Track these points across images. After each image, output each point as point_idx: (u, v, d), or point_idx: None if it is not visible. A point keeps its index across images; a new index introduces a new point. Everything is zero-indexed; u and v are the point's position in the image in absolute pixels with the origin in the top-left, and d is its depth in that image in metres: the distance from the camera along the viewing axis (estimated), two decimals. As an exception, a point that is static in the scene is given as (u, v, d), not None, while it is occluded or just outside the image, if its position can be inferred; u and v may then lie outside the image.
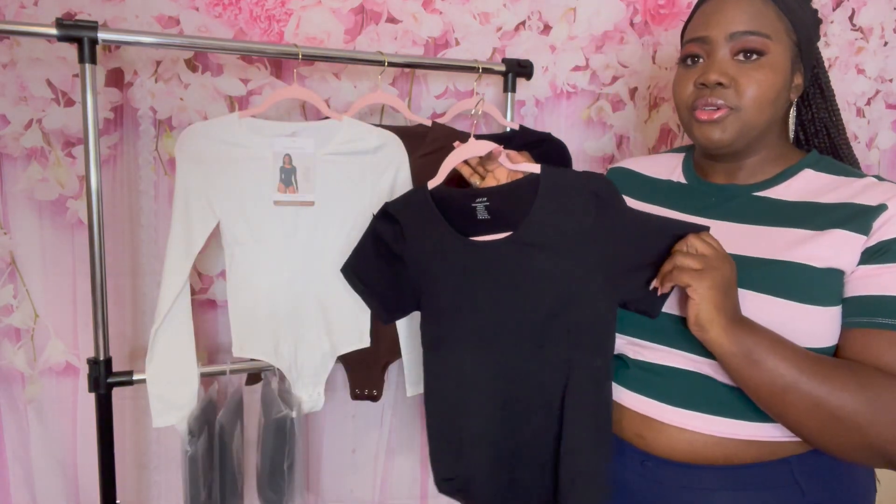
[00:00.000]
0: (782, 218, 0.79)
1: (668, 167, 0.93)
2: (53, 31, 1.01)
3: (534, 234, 0.85)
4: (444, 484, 0.93)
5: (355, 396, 1.30)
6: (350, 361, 1.27)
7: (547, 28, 1.45)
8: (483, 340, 0.88)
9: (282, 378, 1.24)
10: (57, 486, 1.33)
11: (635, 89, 1.55)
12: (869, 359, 0.72)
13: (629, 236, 0.82)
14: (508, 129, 1.36)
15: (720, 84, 0.78)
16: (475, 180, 0.95)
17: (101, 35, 1.04)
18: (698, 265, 0.71)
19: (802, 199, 0.80)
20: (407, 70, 1.38)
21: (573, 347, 0.85)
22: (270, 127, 1.16)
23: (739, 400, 0.76)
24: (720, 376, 0.78)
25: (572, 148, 1.37)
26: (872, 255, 0.74)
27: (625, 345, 0.87)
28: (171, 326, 1.13)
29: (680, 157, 0.93)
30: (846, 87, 1.66)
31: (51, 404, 1.30)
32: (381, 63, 1.22)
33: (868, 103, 1.69)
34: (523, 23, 1.44)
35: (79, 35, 1.02)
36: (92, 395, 1.13)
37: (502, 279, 0.87)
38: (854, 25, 1.65)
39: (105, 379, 1.12)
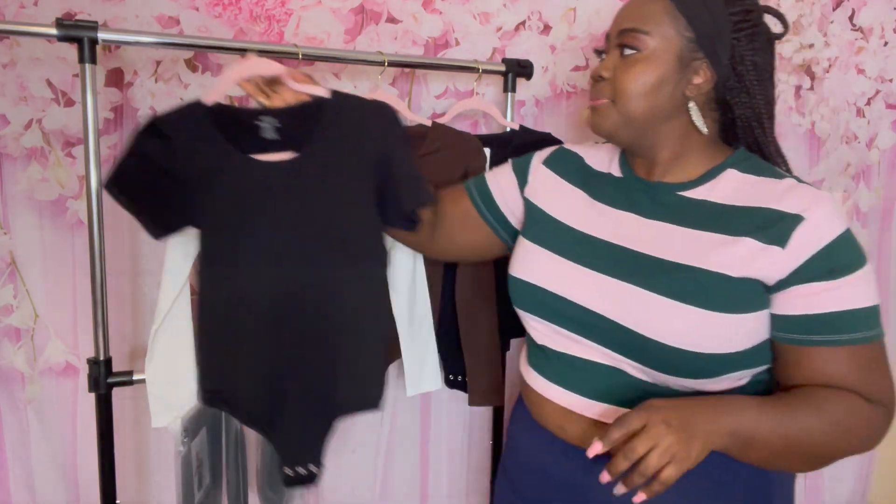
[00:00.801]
0: (703, 220, 0.80)
1: (607, 159, 0.95)
2: (53, 31, 1.01)
3: (316, 155, 0.89)
4: (210, 396, 0.94)
5: (355, 396, 1.29)
6: (350, 361, 1.27)
7: (547, 28, 1.45)
8: (260, 257, 0.90)
9: (282, 378, 1.24)
10: (57, 486, 1.33)
11: (635, 89, 1.55)
12: (814, 374, 0.76)
13: (399, 165, 0.91)
14: (508, 129, 1.36)
15: (602, 77, 0.83)
16: (262, 99, 0.94)
17: (101, 35, 1.04)
18: (663, 458, 0.68)
19: (725, 202, 0.80)
20: (407, 70, 1.38)
21: (349, 264, 0.90)
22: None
23: (654, 395, 0.78)
24: (637, 373, 0.80)
25: (572, 148, 1.37)
26: (805, 275, 0.74)
27: (550, 333, 0.88)
28: (171, 326, 1.13)
29: (618, 150, 0.95)
30: (846, 87, 1.66)
31: (51, 404, 1.30)
32: (381, 63, 1.22)
33: (868, 103, 1.69)
34: (523, 23, 1.44)
35: (79, 35, 1.02)
36: (92, 395, 1.13)
37: (282, 198, 0.88)
38: (854, 25, 1.65)
39: (105, 379, 1.12)
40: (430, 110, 1.42)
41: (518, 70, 1.34)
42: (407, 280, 1.22)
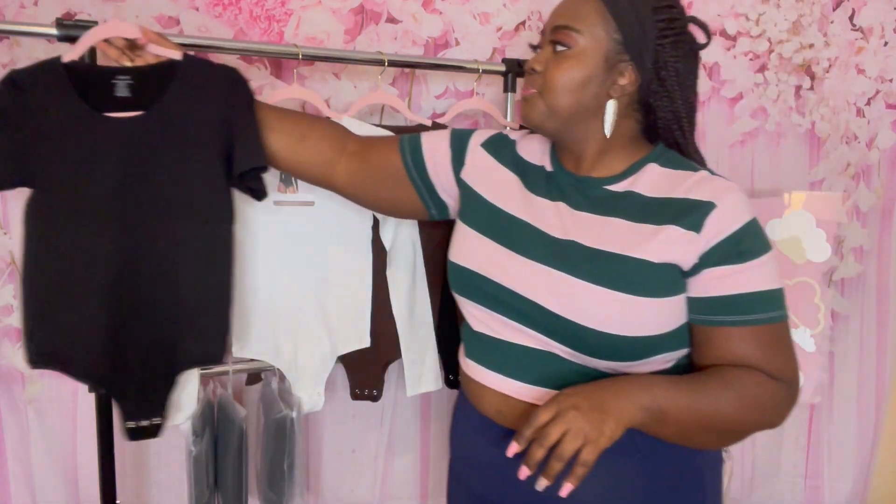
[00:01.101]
0: (628, 211, 0.84)
1: (539, 152, 0.97)
2: (53, 31, 1.01)
3: (162, 114, 0.92)
4: (39, 356, 0.94)
5: (355, 396, 1.30)
6: (350, 361, 1.27)
7: (547, 28, 1.45)
8: (100, 213, 0.92)
9: (282, 378, 1.24)
10: (57, 486, 1.33)
11: (635, 89, 1.55)
12: (723, 353, 0.81)
13: (239, 127, 0.94)
14: (508, 129, 1.35)
15: (534, 70, 0.86)
16: (125, 62, 0.96)
17: (101, 35, 1.04)
18: (577, 440, 0.71)
19: (647, 194, 0.85)
20: (407, 70, 1.38)
21: (190, 221, 0.95)
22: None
23: (585, 377, 0.81)
24: (568, 355, 0.84)
25: (572, 148, 1.37)
26: (715, 258, 0.79)
27: (486, 320, 0.90)
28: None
29: (549, 145, 0.97)
30: (846, 87, 1.66)
31: (51, 404, 1.30)
32: (381, 63, 1.22)
33: (868, 103, 1.69)
34: (523, 23, 1.44)
35: (79, 35, 1.02)
36: (92, 395, 1.13)
37: (128, 156, 0.91)
38: (854, 25, 1.65)
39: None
40: (430, 110, 1.42)
41: (518, 70, 1.34)
42: (407, 280, 1.23)
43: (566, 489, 0.71)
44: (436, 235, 1.27)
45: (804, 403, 1.73)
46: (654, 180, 0.85)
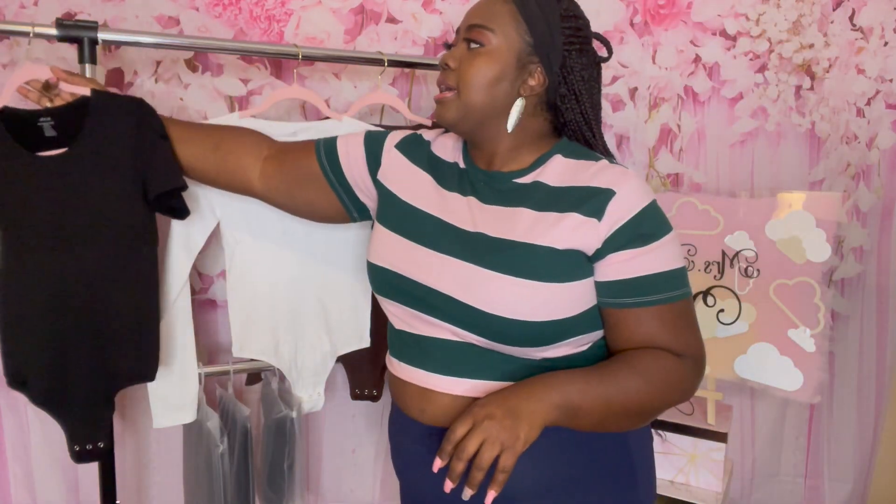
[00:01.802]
0: (535, 202, 0.86)
1: (452, 149, 1.00)
2: (53, 31, 1.01)
3: (81, 148, 0.99)
4: (13, 381, 1.01)
5: (355, 396, 1.30)
6: (350, 361, 1.27)
7: (547, 28, 1.45)
8: (40, 245, 1.00)
9: (282, 378, 1.24)
10: (57, 486, 1.33)
11: (635, 89, 1.55)
12: (631, 335, 0.84)
13: (150, 153, 1.00)
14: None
15: (447, 66, 0.88)
16: (46, 103, 1.02)
17: (101, 35, 1.04)
18: (494, 448, 0.73)
19: (552, 184, 0.87)
20: (407, 70, 1.38)
21: (115, 246, 1.01)
22: (270, 127, 1.16)
23: (501, 362, 0.84)
24: (484, 345, 0.85)
25: (572, 148, 1.37)
26: (618, 242, 0.81)
27: (406, 318, 0.92)
28: (172, 326, 1.13)
29: (461, 143, 1.00)
30: (846, 87, 1.67)
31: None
32: (381, 63, 1.22)
33: (868, 103, 1.69)
34: (523, 23, 1.44)
35: (79, 35, 1.02)
36: (92, 395, 1.13)
37: (56, 189, 0.99)
38: (854, 25, 1.65)
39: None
40: (431, 110, 1.42)
41: (518, 70, 1.34)
42: (407, 280, 1.23)
43: (490, 497, 0.73)
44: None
45: (804, 403, 1.73)
46: (558, 170, 0.88)
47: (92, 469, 1.18)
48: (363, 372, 1.28)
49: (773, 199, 1.44)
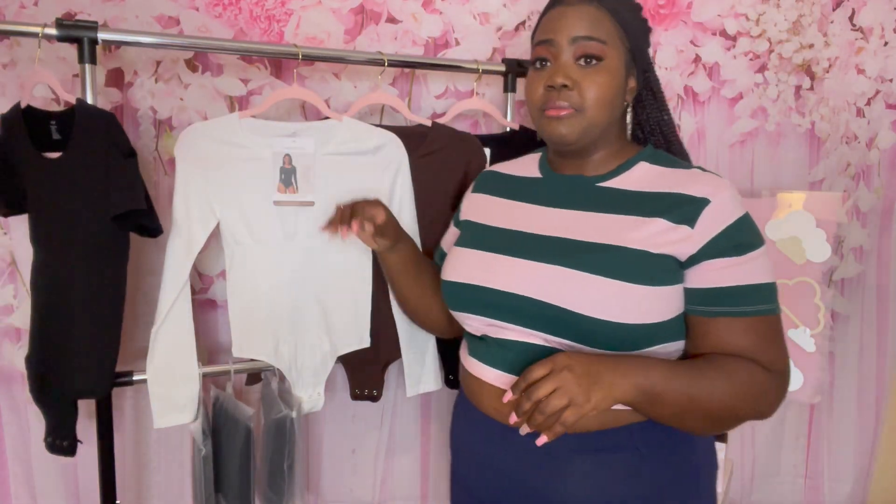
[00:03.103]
0: (618, 206, 0.86)
1: (528, 165, 1.01)
2: (53, 31, 1.01)
3: (69, 157, 1.03)
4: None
5: (355, 396, 1.30)
6: (350, 361, 1.27)
7: (547, 28, 1.45)
8: (40, 244, 1.06)
9: (282, 378, 1.24)
10: (57, 486, 1.33)
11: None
12: (718, 344, 0.83)
13: (115, 171, 1.02)
14: (508, 129, 1.36)
15: (565, 86, 0.85)
16: None
17: (101, 35, 1.04)
18: (562, 399, 0.74)
19: (638, 189, 0.87)
20: (407, 70, 1.38)
21: (83, 258, 1.04)
22: (270, 127, 1.16)
23: None
24: (568, 347, 0.84)
25: (572, 148, 1.37)
26: (713, 251, 0.81)
27: (485, 326, 0.92)
28: (172, 326, 1.13)
29: (538, 155, 1.01)
30: (846, 87, 1.66)
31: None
32: (381, 63, 1.22)
33: (868, 103, 1.69)
34: (523, 23, 1.44)
35: (79, 35, 1.02)
36: (92, 396, 1.13)
37: (52, 192, 1.04)
38: (854, 25, 1.65)
39: (112, 379, 1.12)
40: (430, 110, 1.42)
41: (518, 70, 1.34)
42: (407, 280, 1.23)
43: (541, 440, 0.74)
44: (436, 235, 1.27)
45: (804, 403, 1.73)
46: (643, 176, 0.88)
47: (92, 469, 1.18)
48: (363, 372, 1.28)
49: (773, 199, 1.45)
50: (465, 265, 0.94)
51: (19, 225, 1.23)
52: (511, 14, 1.43)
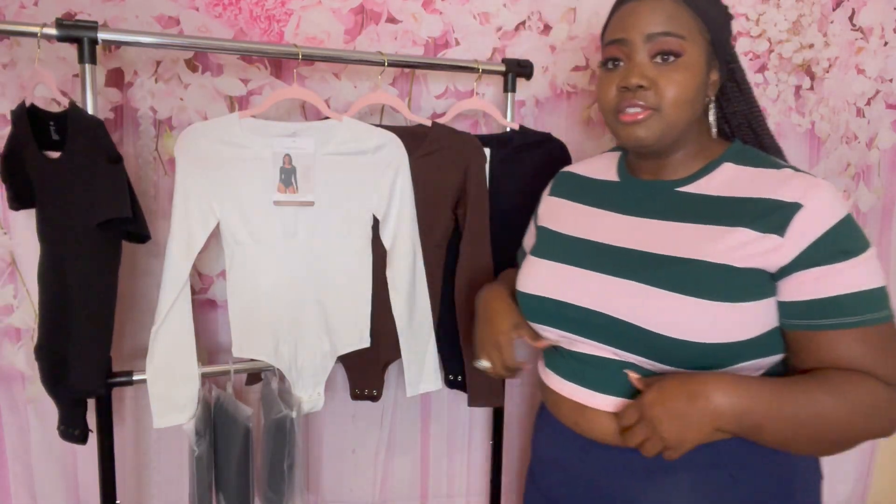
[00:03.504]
0: (699, 214, 0.81)
1: (605, 166, 0.97)
2: (53, 31, 1.01)
3: (65, 158, 1.05)
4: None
5: (355, 396, 1.30)
6: (350, 361, 1.27)
7: (547, 28, 1.45)
8: (48, 238, 1.08)
9: (282, 378, 1.24)
10: (57, 486, 1.33)
11: (635, 89, 1.55)
12: (827, 359, 0.75)
13: (101, 177, 1.04)
14: (508, 129, 1.36)
15: (641, 87, 0.80)
16: None
17: (101, 35, 1.04)
18: (656, 446, 0.73)
19: (721, 194, 0.81)
20: (407, 70, 1.38)
21: (83, 258, 1.06)
22: (270, 127, 1.16)
23: None
24: (648, 365, 0.80)
25: (572, 148, 1.37)
26: (808, 260, 0.74)
27: (559, 338, 0.90)
28: (172, 326, 1.13)
29: (616, 155, 0.97)
30: (846, 87, 1.66)
31: (51, 404, 1.29)
32: (381, 63, 1.22)
33: (868, 103, 1.69)
34: (523, 23, 1.44)
35: (79, 35, 1.02)
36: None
37: (52, 190, 1.06)
38: (854, 25, 1.65)
39: (105, 379, 1.12)
40: (430, 110, 1.42)
41: (518, 70, 1.34)
42: (407, 280, 1.23)
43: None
44: (436, 235, 1.27)
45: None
46: (728, 180, 0.82)
47: (92, 469, 1.18)
48: (363, 372, 1.28)
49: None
50: (539, 277, 0.91)
51: (19, 225, 1.23)
52: (511, 14, 1.43)
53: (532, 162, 1.32)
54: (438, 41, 1.40)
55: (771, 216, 0.75)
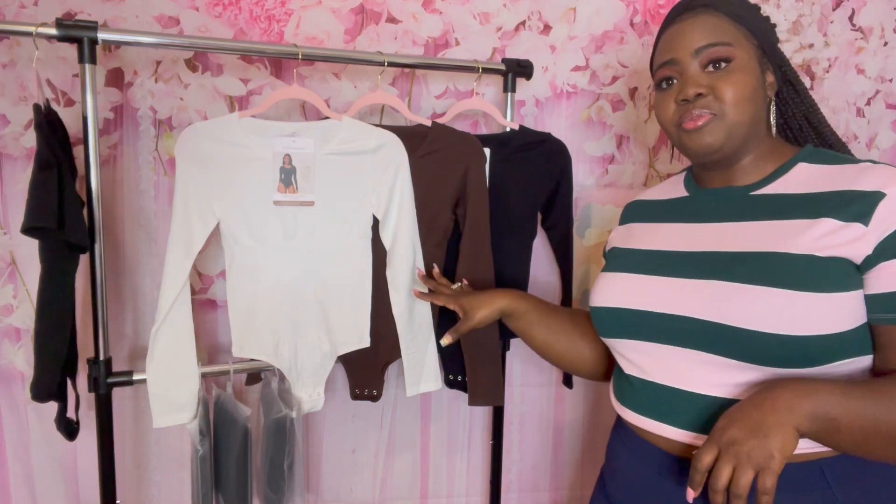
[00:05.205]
0: (779, 212, 0.80)
1: (672, 187, 0.97)
2: (53, 31, 1.01)
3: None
4: None
5: (355, 396, 1.30)
6: (350, 361, 1.27)
7: (547, 28, 1.45)
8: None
9: (282, 378, 1.24)
10: (57, 486, 1.33)
11: (635, 89, 1.55)
12: None
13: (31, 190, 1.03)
14: (508, 129, 1.36)
15: (700, 95, 0.82)
16: None
17: (101, 35, 1.04)
18: (748, 472, 0.67)
19: (798, 192, 0.80)
20: (407, 70, 1.38)
21: (44, 260, 1.07)
22: (270, 127, 1.16)
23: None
24: (734, 366, 0.77)
25: (572, 148, 1.37)
26: (891, 250, 0.72)
27: (639, 358, 0.86)
28: (171, 326, 1.13)
29: (681, 176, 0.98)
30: (846, 87, 1.66)
31: (51, 404, 1.29)
32: (381, 63, 1.22)
33: (868, 103, 1.68)
34: (523, 23, 1.44)
35: (79, 35, 1.02)
36: (91, 396, 1.13)
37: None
38: (854, 25, 1.65)
39: (105, 379, 1.12)
40: (430, 110, 1.42)
41: (518, 70, 1.34)
42: (407, 280, 1.23)
43: None
44: (436, 235, 1.27)
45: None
46: (804, 178, 0.81)
47: (92, 469, 1.18)
48: (363, 372, 1.28)
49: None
50: (613, 289, 0.90)
51: (20, 223, 1.23)
52: (511, 14, 1.43)
53: (532, 162, 1.32)
54: (438, 41, 1.40)
55: (854, 205, 0.74)
